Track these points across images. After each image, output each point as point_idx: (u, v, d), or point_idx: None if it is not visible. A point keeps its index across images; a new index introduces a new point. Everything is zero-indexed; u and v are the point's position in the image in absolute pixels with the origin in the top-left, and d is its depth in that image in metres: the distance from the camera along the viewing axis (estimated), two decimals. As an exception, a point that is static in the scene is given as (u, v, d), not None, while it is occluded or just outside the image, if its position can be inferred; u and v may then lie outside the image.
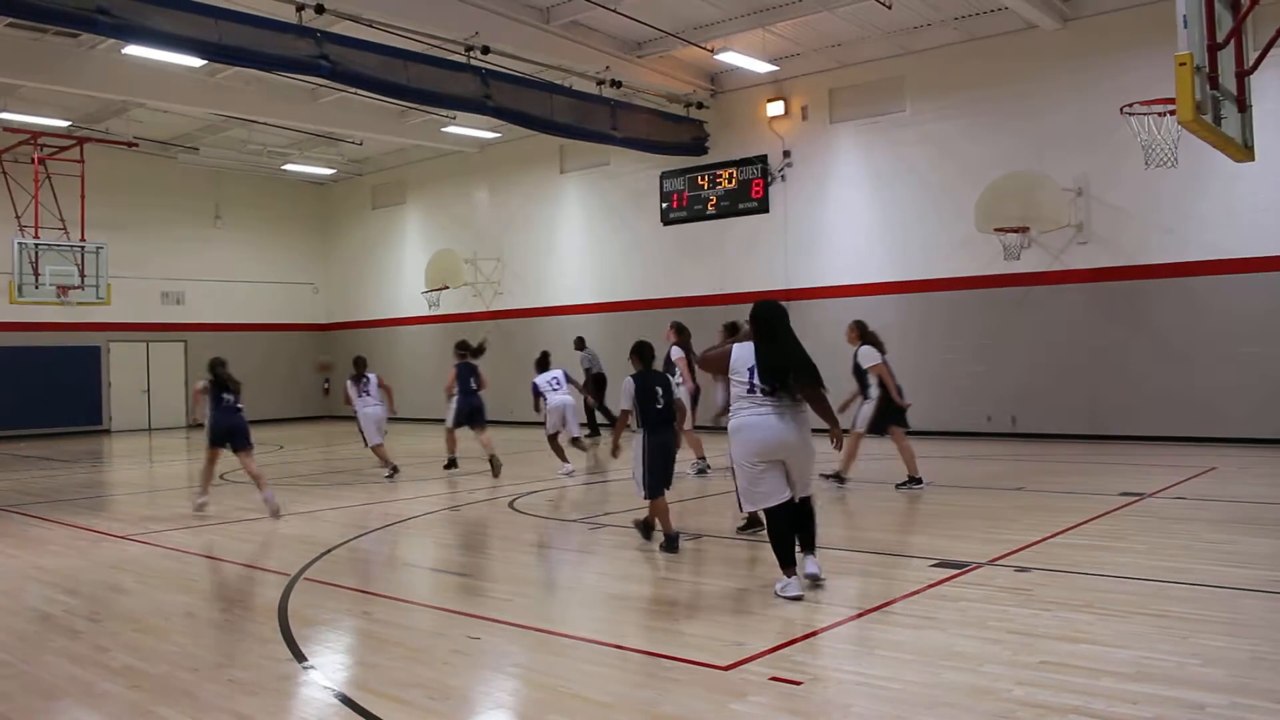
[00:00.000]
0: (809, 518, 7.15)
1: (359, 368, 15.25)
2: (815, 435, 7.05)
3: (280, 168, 28.69)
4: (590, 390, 20.37)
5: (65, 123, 23.20)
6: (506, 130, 23.98)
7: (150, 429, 27.40)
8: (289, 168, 28.70)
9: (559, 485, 13.50)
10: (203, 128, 25.19)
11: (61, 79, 18.69)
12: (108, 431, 26.68)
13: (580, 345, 21.55)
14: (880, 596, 6.76)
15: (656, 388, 8.78)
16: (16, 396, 25.26)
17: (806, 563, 7.09)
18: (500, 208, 26.65)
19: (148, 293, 27.78)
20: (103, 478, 16.77)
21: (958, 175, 18.56)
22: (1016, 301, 18.09)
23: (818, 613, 6.45)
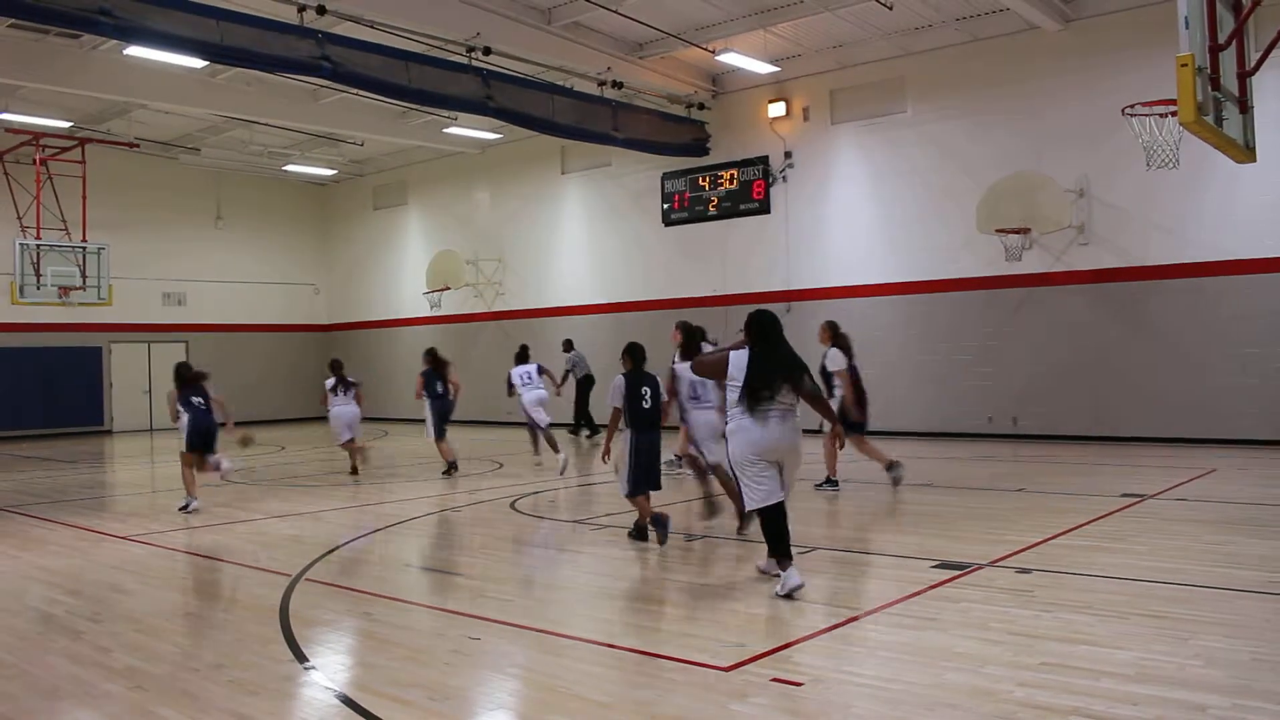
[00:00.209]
0: (784, 521, 7.15)
1: (339, 370, 15.47)
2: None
3: (281, 168, 28.71)
4: (576, 391, 21.16)
5: (67, 123, 23.22)
6: (508, 131, 24.01)
7: (151, 429, 27.44)
8: (290, 168, 28.72)
9: (559, 486, 13.50)
10: (204, 128, 25.21)
11: (63, 80, 18.72)
12: (109, 432, 26.71)
13: (568, 348, 21.66)
14: (882, 598, 6.76)
15: (645, 388, 8.94)
16: (18, 397, 25.31)
17: (772, 564, 7.17)
18: (502, 208, 26.66)
19: (149, 293, 27.81)
20: (104, 478, 16.77)
21: (959, 176, 18.57)
22: (1018, 302, 18.10)
23: (819, 614, 6.46)
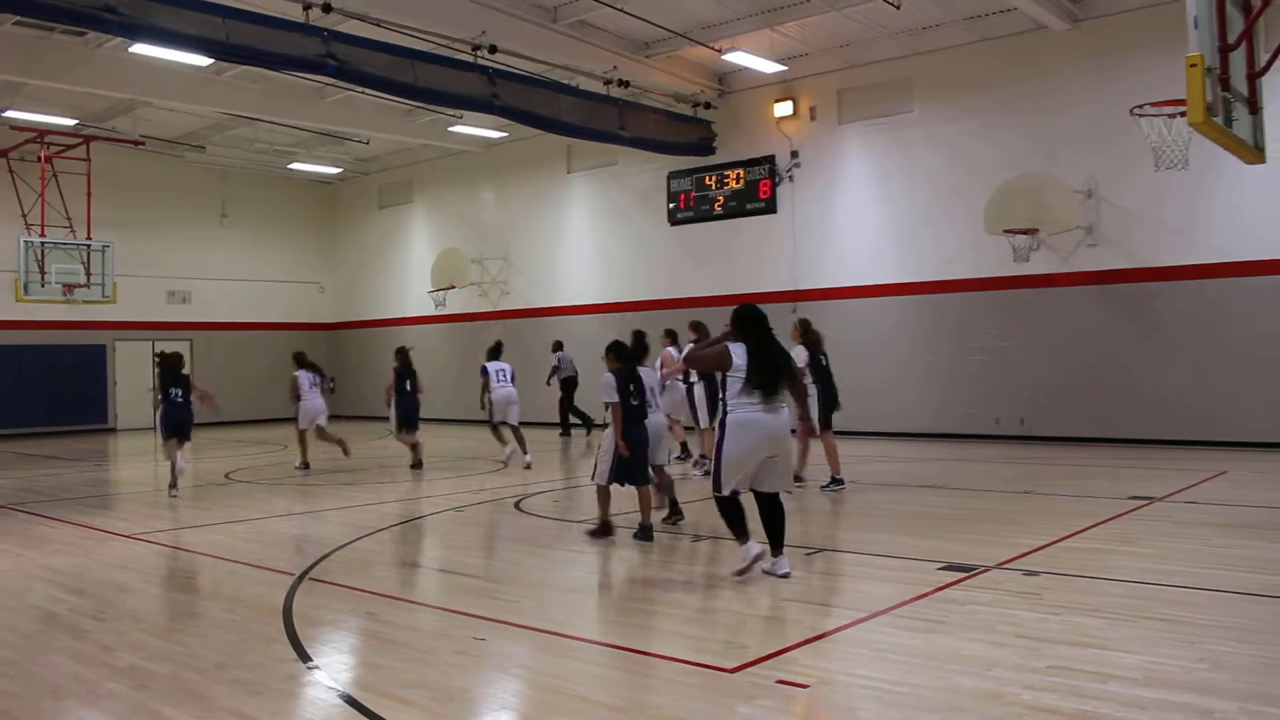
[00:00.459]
0: (781, 515, 7.54)
1: (305, 361, 16.34)
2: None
3: (287, 167, 28.74)
4: (561, 391, 21.82)
5: (72, 121, 23.26)
6: (513, 130, 24.00)
7: (156, 427, 27.42)
8: (295, 167, 28.74)
9: (565, 486, 13.50)
10: (209, 126, 25.24)
11: (68, 77, 18.73)
12: (113, 430, 26.73)
13: (558, 348, 21.80)
14: (888, 600, 6.75)
15: (632, 384, 9.29)
16: (22, 394, 25.32)
17: (778, 563, 7.43)
18: (507, 207, 26.68)
19: (153, 291, 27.82)
20: (108, 476, 16.80)
21: (967, 176, 18.53)
22: (1026, 303, 18.06)
23: (825, 616, 6.45)
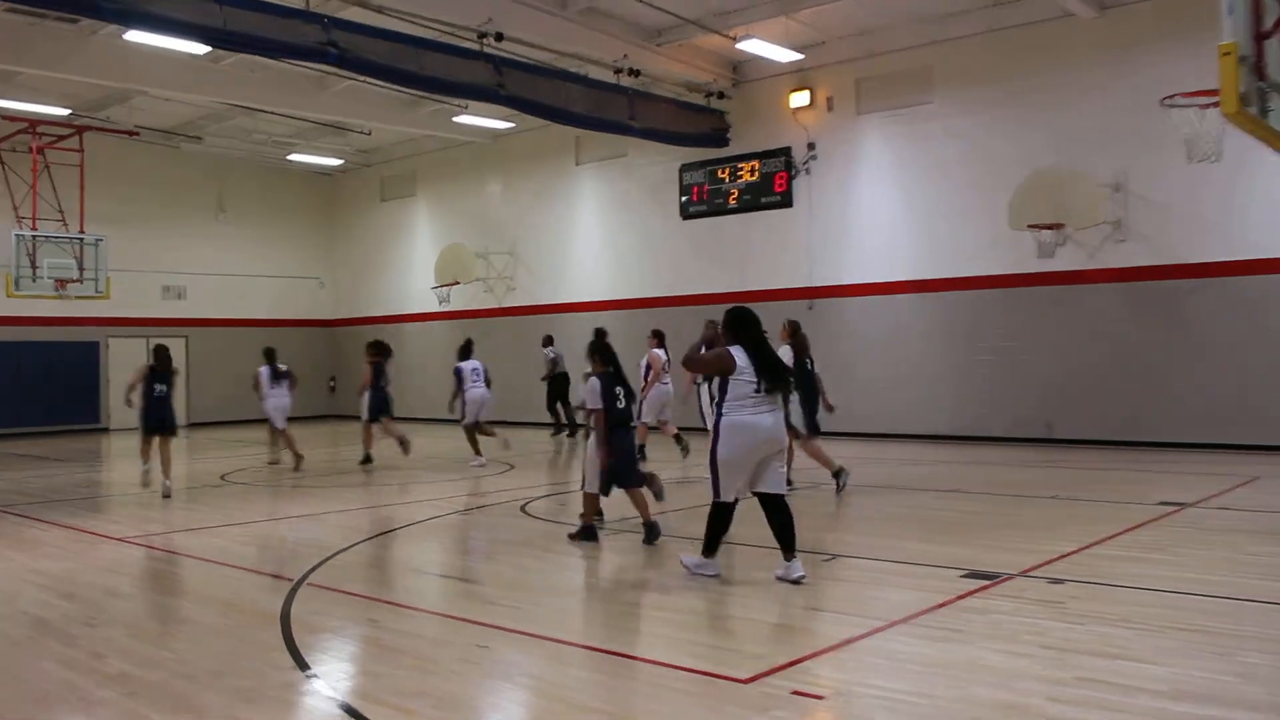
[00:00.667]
0: (788, 516, 7.67)
1: (273, 358, 16.83)
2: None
3: (286, 158, 28.78)
4: (549, 389, 21.86)
5: (65, 110, 23.31)
6: (520, 120, 23.98)
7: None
8: (295, 158, 28.79)
9: (572, 490, 13.49)
10: (206, 116, 25.28)
11: (61, 65, 18.78)
12: (106, 430, 26.77)
13: (548, 342, 21.74)
14: (907, 608, 6.73)
15: (617, 388, 9.44)
16: (12, 393, 25.36)
17: (791, 568, 7.55)
18: (513, 200, 26.69)
19: (148, 286, 27.86)
20: (101, 477, 16.84)
21: (989, 169, 18.46)
22: (1050, 301, 17.98)
23: (842, 624, 6.43)
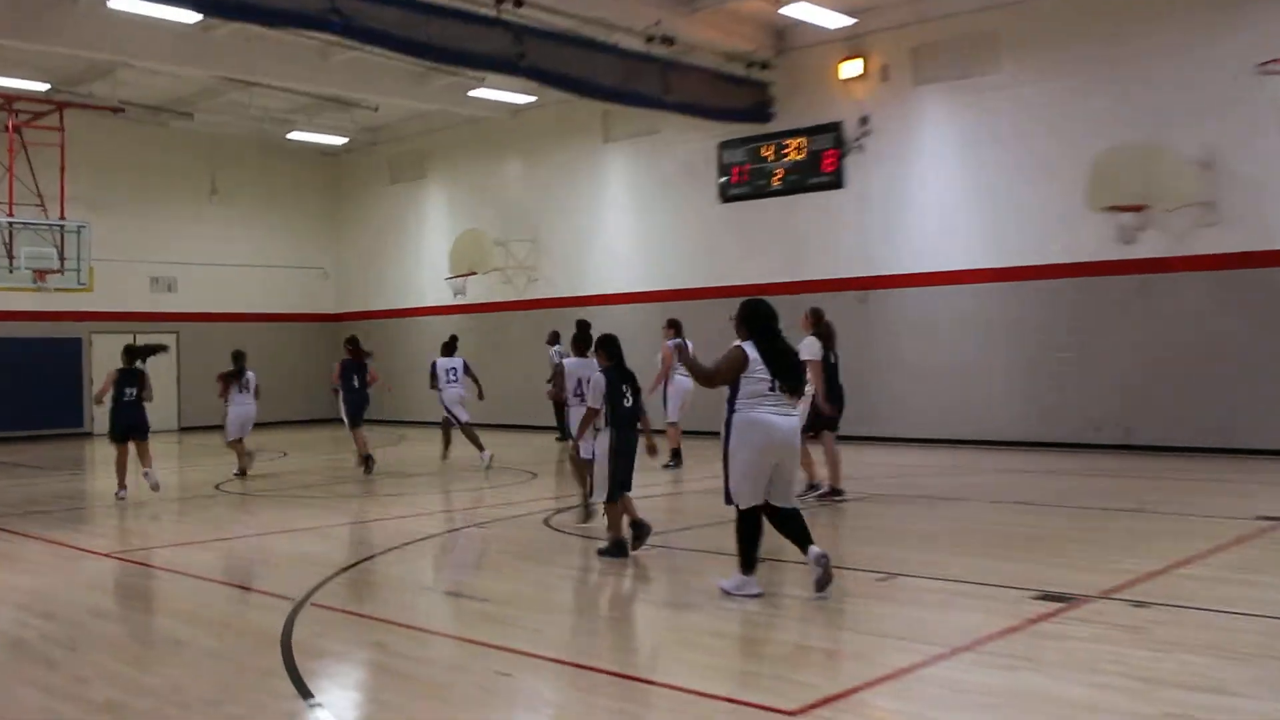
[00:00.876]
0: (799, 520, 7.86)
1: (240, 362, 16.96)
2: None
3: (285, 136, 28.92)
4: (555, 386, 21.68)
5: (43, 85, 23.51)
6: (542, 94, 24.01)
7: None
8: (295, 136, 28.94)
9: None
10: (198, 91, 25.44)
11: (39, 36, 18.87)
12: (89, 435, 26.94)
13: (554, 340, 21.58)
14: (972, 633, 6.70)
15: (625, 385, 9.55)
16: (-12, 395, 25.55)
17: (813, 550, 7.70)
18: (535, 182, 26.75)
19: (135, 278, 28.04)
20: (83, 487, 16.99)
21: (1062, 145, 18.31)
22: (1131, 291, 17.81)
23: (899, 650, 6.40)
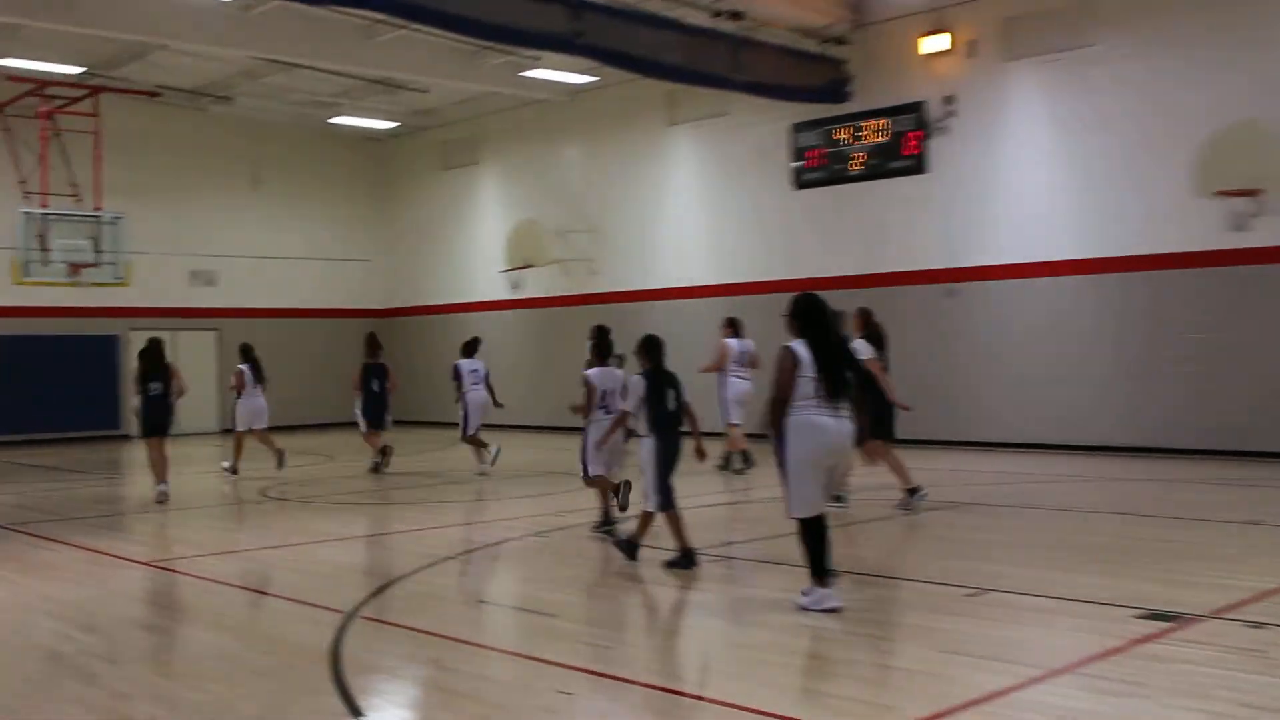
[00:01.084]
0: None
1: (250, 355, 18.29)
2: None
3: (329, 121, 29.23)
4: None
5: (77, 69, 23.89)
6: (603, 74, 24.06)
7: (176, 434, 27.84)
8: (340, 121, 29.24)
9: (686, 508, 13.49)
10: (237, 74, 25.72)
11: (71, 17, 19.22)
12: (127, 437, 27.24)
13: (610, 350, 21.31)
14: (1071, 654, 6.65)
15: (667, 388, 9.70)
16: (20, 394, 25.85)
17: (822, 595, 7.73)
18: (595, 169, 26.82)
19: (174, 271, 28.35)
20: (121, 491, 17.23)
21: (1167, 125, 18.11)
22: (1245, 283, 17.58)
23: (990, 672, 6.35)
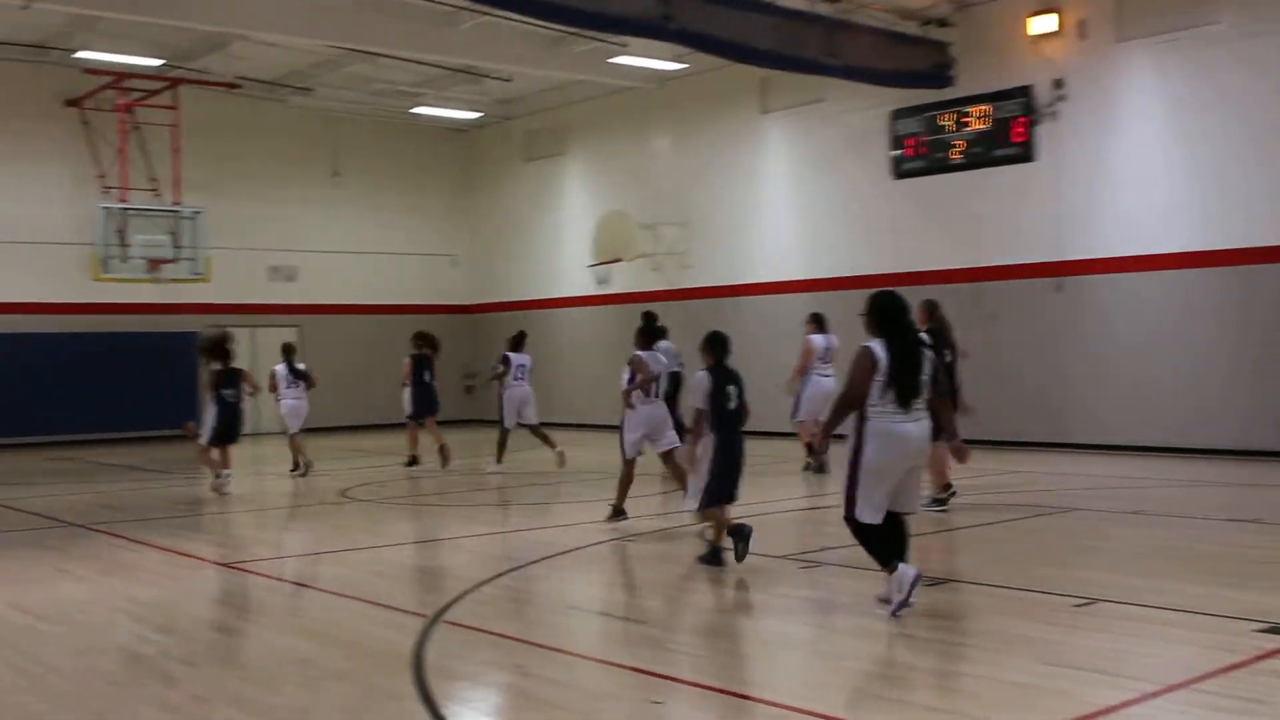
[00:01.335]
0: (905, 535, 8.18)
1: (292, 354, 18.87)
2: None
3: (411, 111, 29.51)
4: (667, 390, 21.73)
5: (156, 61, 24.31)
6: (693, 60, 24.04)
7: (257, 433, 28.09)
8: (422, 111, 29.50)
9: (765, 512, 13.49)
10: (317, 64, 26.08)
11: (150, 8, 19.57)
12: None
13: (661, 335, 21.12)
14: (1188, 669, 6.56)
15: (730, 386, 9.84)
16: (99, 392, 26.35)
17: (904, 568, 7.79)
18: (686, 159, 26.82)
19: (253, 267, 28.81)
20: (202, 492, 17.51)
21: (1295, 109, 17.80)
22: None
23: (1101, 687, 6.28)
